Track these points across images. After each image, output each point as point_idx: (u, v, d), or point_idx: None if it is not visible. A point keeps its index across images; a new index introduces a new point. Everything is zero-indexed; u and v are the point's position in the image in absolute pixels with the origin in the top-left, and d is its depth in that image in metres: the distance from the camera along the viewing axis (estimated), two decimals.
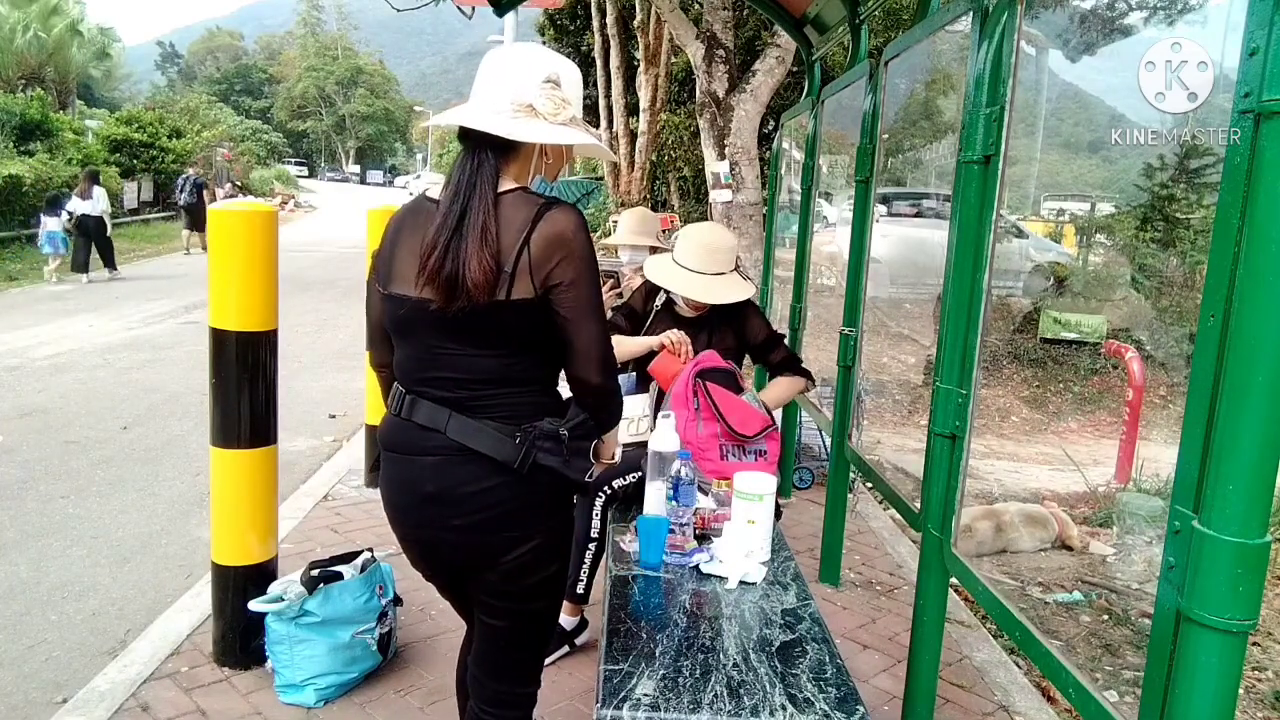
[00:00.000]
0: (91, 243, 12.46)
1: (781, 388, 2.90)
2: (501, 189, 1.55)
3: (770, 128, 9.53)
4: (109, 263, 12.81)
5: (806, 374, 2.96)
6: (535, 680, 1.78)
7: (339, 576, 2.62)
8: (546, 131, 1.54)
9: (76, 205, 12.42)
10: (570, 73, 1.61)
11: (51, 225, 12.20)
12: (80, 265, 12.38)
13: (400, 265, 1.60)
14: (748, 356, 3.04)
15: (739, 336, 2.92)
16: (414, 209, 1.64)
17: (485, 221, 1.49)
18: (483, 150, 1.54)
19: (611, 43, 16.05)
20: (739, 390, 2.64)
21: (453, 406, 1.57)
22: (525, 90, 1.54)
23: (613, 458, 1.78)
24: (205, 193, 17.53)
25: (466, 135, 1.57)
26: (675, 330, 2.75)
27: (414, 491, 1.61)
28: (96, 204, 12.47)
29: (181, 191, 17.63)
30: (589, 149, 1.70)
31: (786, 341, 3.16)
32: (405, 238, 1.61)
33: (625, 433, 2.54)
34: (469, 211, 1.51)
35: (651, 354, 2.77)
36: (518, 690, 1.76)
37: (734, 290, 2.79)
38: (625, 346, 2.84)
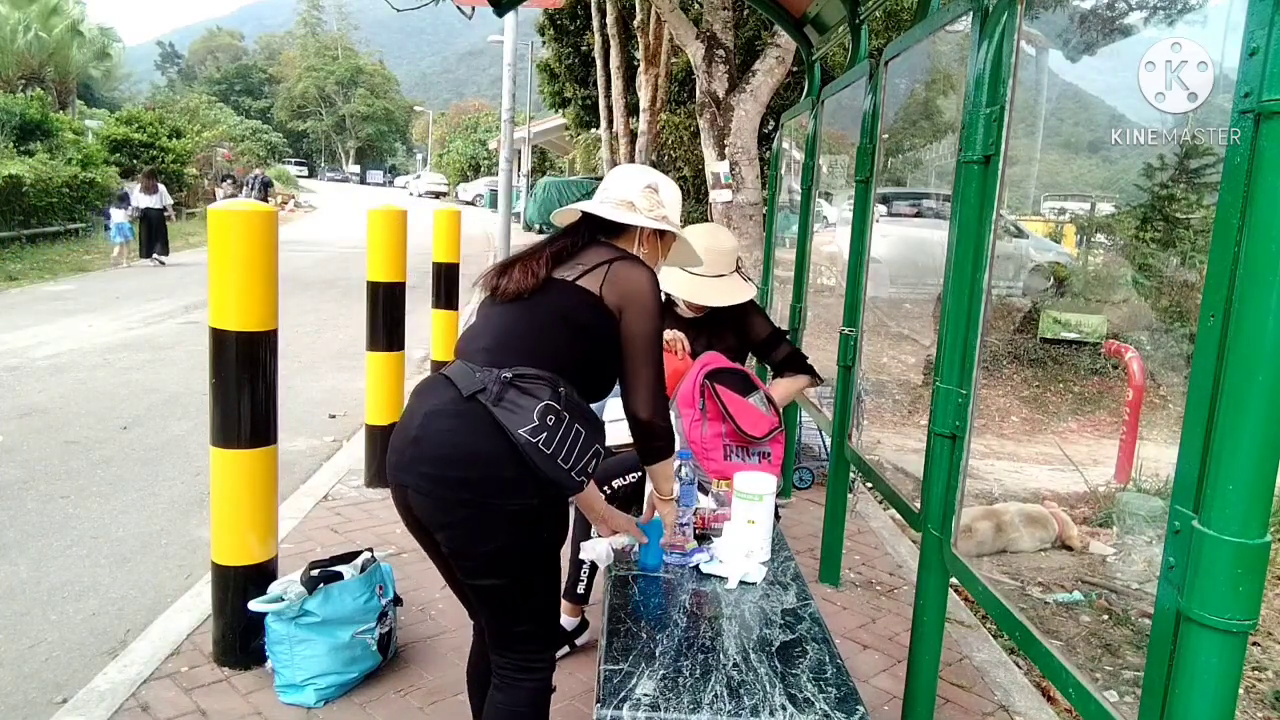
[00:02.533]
0: (153, 231, 14.59)
1: (783, 388, 2.89)
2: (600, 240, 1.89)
3: (770, 128, 9.53)
4: (164, 250, 14.76)
5: (811, 371, 2.94)
6: (548, 646, 1.82)
7: (339, 576, 2.62)
8: (631, 217, 1.89)
9: (141, 200, 14.46)
10: (670, 187, 2.00)
11: (119, 217, 14.25)
12: (146, 251, 14.57)
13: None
14: (751, 356, 3.04)
15: (740, 336, 2.92)
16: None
17: (547, 254, 1.81)
18: (589, 226, 1.91)
19: (611, 43, 16.06)
20: (749, 391, 2.63)
21: (475, 360, 1.72)
22: (630, 191, 1.94)
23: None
24: (270, 191, 20.40)
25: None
26: (669, 330, 2.75)
27: (405, 433, 1.74)
28: (160, 199, 14.65)
29: (252, 190, 20.12)
30: (685, 252, 2.09)
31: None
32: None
33: (626, 433, 2.54)
34: (546, 247, 1.84)
35: None
36: (531, 659, 1.79)
37: (735, 292, 2.79)
38: None
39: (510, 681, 1.78)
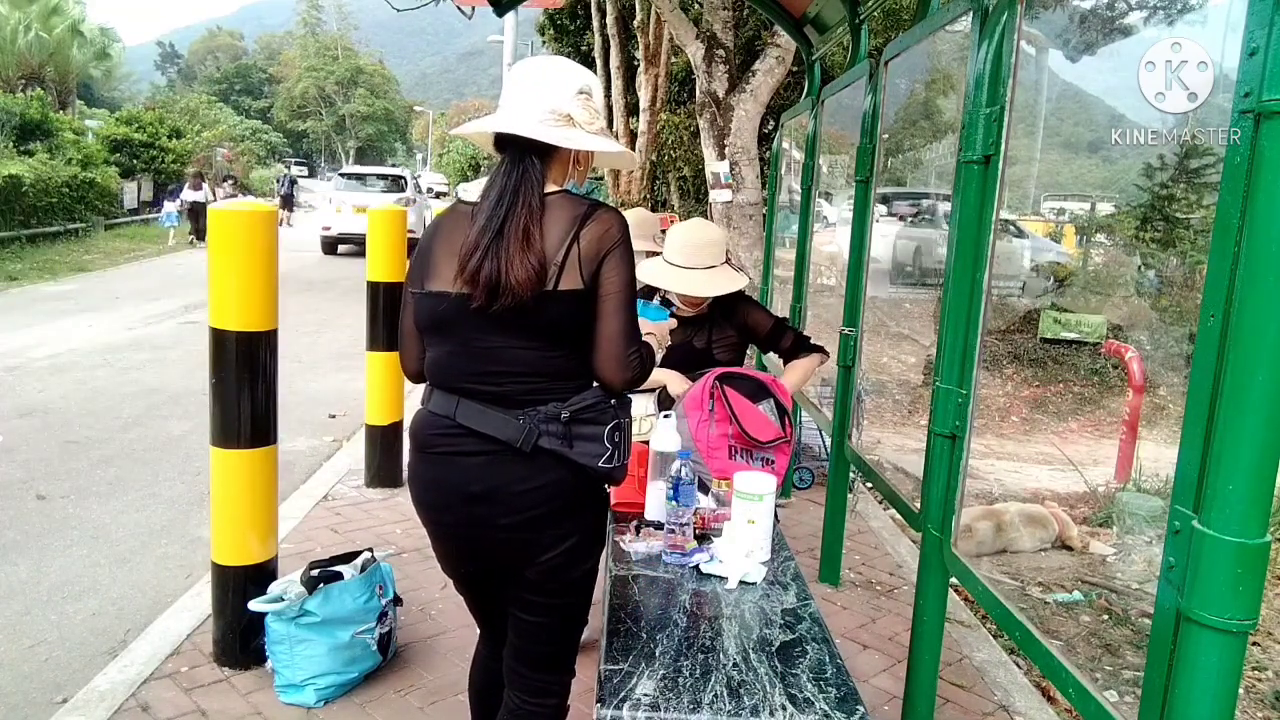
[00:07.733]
0: (198, 219, 17.90)
1: (798, 372, 2.89)
2: (546, 192, 1.62)
3: (770, 128, 9.53)
4: (202, 237, 17.62)
5: (820, 349, 2.94)
6: (572, 668, 1.85)
7: (339, 576, 2.62)
8: (586, 139, 1.63)
9: (188, 194, 18.74)
10: (598, 86, 1.71)
11: (170, 207, 18.66)
12: (200, 236, 17.86)
13: (438, 265, 1.66)
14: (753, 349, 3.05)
15: (740, 331, 2.93)
16: (451, 212, 1.72)
17: (529, 224, 1.56)
18: (528, 157, 1.61)
19: (611, 43, 16.05)
20: (760, 399, 2.62)
21: (497, 401, 1.60)
22: (562, 100, 1.62)
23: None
24: (295, 187, 24.40)
25: (507, 144, 1.64)
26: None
27: (457, 491, 1.64)
28: (205, 194, 18.80)
29: (284, 188, 23.30)
30: (616, 157, 1.79)
31: None
32: (443, 239, 1.67)
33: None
34: (512, 214, 1.57)
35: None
36: (560, 678, 1.82)
37: (726, 282, 2.80)
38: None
39: (536, 707, 1.79)
